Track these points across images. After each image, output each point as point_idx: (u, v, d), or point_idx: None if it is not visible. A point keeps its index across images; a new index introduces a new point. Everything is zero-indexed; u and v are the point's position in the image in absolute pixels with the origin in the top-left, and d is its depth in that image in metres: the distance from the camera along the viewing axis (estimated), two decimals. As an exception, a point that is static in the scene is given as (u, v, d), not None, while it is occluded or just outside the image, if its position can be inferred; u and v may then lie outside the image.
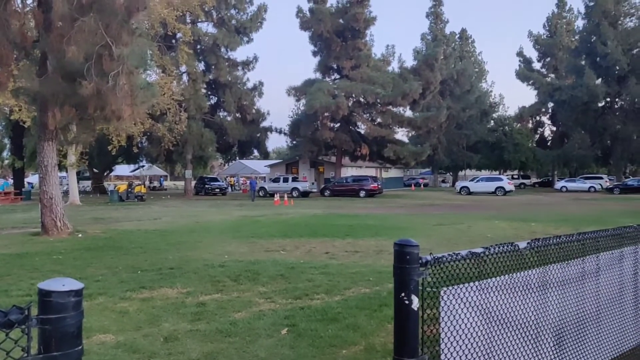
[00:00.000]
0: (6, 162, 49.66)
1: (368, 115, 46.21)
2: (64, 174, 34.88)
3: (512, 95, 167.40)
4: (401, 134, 50.81)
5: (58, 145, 17.32)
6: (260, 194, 40.98)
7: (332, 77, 46.21)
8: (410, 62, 56.32)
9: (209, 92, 44.76)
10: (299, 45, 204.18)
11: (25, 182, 46.66)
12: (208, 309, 6.46)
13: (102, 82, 12.67)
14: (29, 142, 37.98)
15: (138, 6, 12.86)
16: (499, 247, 2.83)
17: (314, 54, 46.27)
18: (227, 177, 62.20)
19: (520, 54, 62.53)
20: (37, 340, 1.57)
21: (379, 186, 41.41)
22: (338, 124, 44.47)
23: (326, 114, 41.05)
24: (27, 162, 42.19)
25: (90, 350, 4.66)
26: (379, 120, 45.55)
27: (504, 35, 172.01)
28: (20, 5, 15.35)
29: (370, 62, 44.65)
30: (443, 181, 71.72)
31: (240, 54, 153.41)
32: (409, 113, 47.56)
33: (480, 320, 2.73)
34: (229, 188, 54.11)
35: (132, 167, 58.59)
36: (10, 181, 46.76)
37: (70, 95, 13.46)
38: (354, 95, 42.74)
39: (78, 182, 37.62)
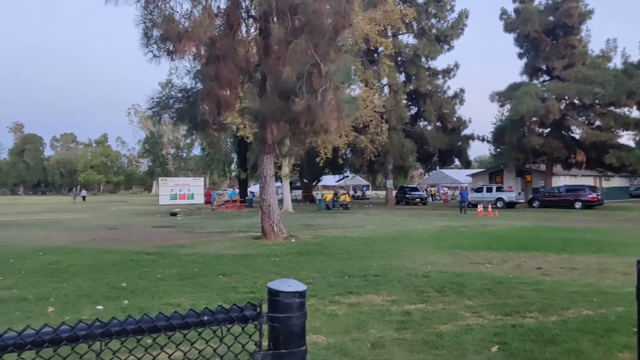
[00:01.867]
0: (233, 173, 56.55)
1: (584, 118, 41.66)
2: (278, 183, 38.40)
3: None
4: (626, 138, 44.61)
5: (274, 158, 19.14)
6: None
7: (541, 79, 42.81)
8: (636, 57, 49.35)
9: (409, 103, 45.14)
10: (502, 48, 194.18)
11: (248, 191, 52.54)
12: (413, 318, 6.41)
13: (311, 98, 13.62)
14: (251, 156, 42.72)
15: (344, 24, 13.54)
16: None
17: (520, 56, 43.48)
18: (427, 186, 61.80)
19: None
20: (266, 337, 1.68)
21: (599, 197, 36.88)
22: (548, 129, 41.00)
23: (534, 119, 38.16)
24: (249, 174, 47.52)
25: (304, 348, 4.95)
26: (597, 123, 40.67)
27: None
28: (244, 34, 17.39)
29: (587, 59, 40.22)
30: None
31: (440, 62, 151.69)
32: (635, 114, 41.58)
33: None
34: (429, 198, 53.67)
35: (337, 177, 61.90)
36: (237, 190, 53.03)
37: (285, 112, 14.75)
38: (566, 97, 38.94)
39: (291, 191, 40.98)
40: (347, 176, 60.34)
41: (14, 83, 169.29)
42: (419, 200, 46.28)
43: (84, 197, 63.00)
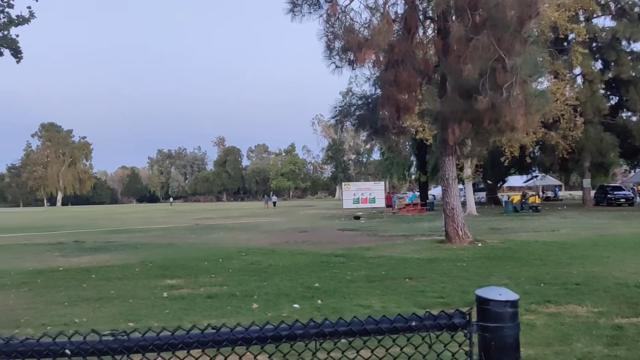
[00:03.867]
0: (413, 176, 56.44)
1: None
2: (460, 185, 37.23)
3: None
4: None
5: (456, 159, 18.61)
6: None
7: None
8: None
9: (608, 92, 40.33)
10: None
11: (428, 194, 51.95)
12: (626, 333, 5.69)
13: (496, 95, 12.97)
14: (431, 158, 42.18)
15: (530, 14, 12.67)
16: None
17: None
18: (633, 185, 54.49)
19: None
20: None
21: None
22: None
23: None
24: (429, 176, 46.97)
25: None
26: None
27: None
28: (421, 37, 17.27)
29: None
30: None
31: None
32: None
33: None
34: (637, 197, 47.24)
35: (524, 177, 57.90)
36: (417, 193, 52.78)
37: (467, 111, 14.28)
38: None
39: (474, 194, 39.47)
40: (536, 176, 56.03)
41: (215, 102, 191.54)
42: (623, 200, 40.96)
43: (274, 203, 68.37)
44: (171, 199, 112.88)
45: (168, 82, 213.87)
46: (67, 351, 1.47)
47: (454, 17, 14.60)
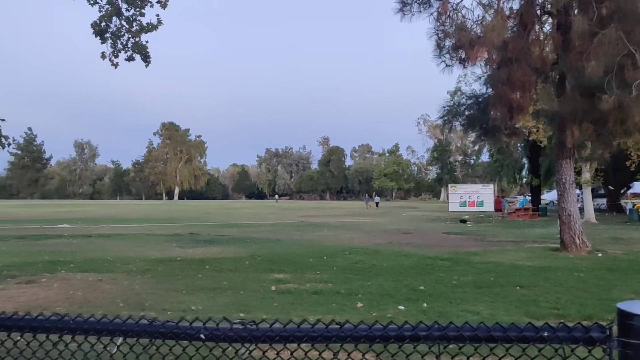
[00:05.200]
0: (524, 180, 53.59)
1: None
2: (577, 191, 34.75)
3: None
4: None
5: (574, 162, 17.40)
6: None
7: None
8: None
9: None
10: None
11: (541, 199, 49.05)
12: None
13: (623, 93, 11.95)
14: (544, 161, 39.77)
15: (666, 4, 11.52)
16: None
17: None
18: None
19: None
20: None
21: None
22: None
23: None
24: (542, 180, 44.31)
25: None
26: None
27: None
28: (537, 33, 16.33)
29: None
30: None
31: None
32: None
33: None
34: None
35: (652, 183, 52.74)
36: (528, 198, 50.06)
37: (588, 111, 13.30)
38: None
39: (592, 200, 36.70)
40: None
41: (320, 102, 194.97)
42: None
43: (377, 203, 68.15)
44: (277, 196, 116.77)
45: (277, 84, 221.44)
46: (202, 335, 1.59)
47: (576, 11, 13.66)
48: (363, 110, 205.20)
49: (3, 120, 10.02)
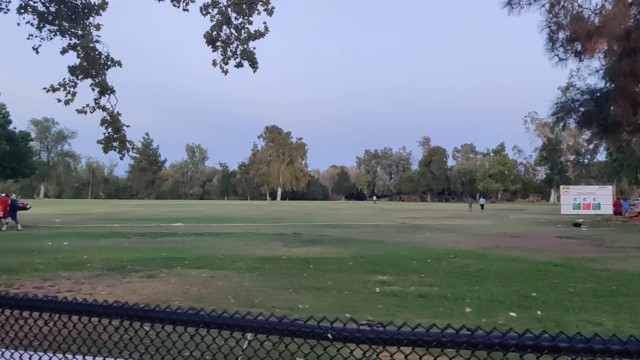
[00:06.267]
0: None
1: None
2: None
3: None
4: None
5: None
6: None
7: None
8: None
9: None
10: None
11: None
12: None
13: None
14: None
15: None
16: None
17: None
18: None
19: None
20: None
21: None
22: None
23: None
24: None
25: None
26: None
27: None
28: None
29: None
30: None
31: None
32: None
33: None
34: None
35: None
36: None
37: None
38: None
39: None
40: None
41: (424, 100, 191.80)
42: None
43: (482, 205, 65.55)
44: (374, 197, 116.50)
45: (376, 84, 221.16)
46: (329, 335, 1.62)
47: None
48: (465, 110, 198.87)
49: (128, 126, 10.88)
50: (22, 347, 2.35)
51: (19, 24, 11.11)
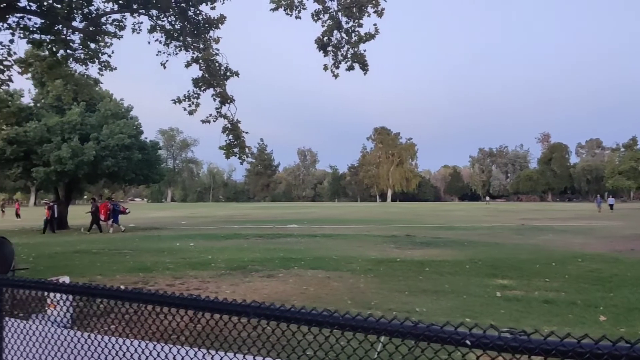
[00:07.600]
0: None
1: None
2: None
3: None
4: None
5: None
6: None
7: None
8: None
9: None
10: None
11: None
12: None
13: None
14: None
15: None
16: None
17: None
18: None
19: None
20: None
21: None
22: None
23: None
24: None
25: None
26: None
27: None
28: None
29: None
30: None
31: None
32: None
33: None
34: None
35: None
36: None
37: None
38: None
39: None
40: None
41: (542, 95, 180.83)
42: None
43: (611, 206, 60.06)
44: (487, 198, 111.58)
45: (488, 82, 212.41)
46: (468, 342, 1.57)
47: None
48: (588, 102, 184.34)
49: (247, 132, 11.44)
50: (162, 340, 2.55)
51: (149, 42, 12.13)
